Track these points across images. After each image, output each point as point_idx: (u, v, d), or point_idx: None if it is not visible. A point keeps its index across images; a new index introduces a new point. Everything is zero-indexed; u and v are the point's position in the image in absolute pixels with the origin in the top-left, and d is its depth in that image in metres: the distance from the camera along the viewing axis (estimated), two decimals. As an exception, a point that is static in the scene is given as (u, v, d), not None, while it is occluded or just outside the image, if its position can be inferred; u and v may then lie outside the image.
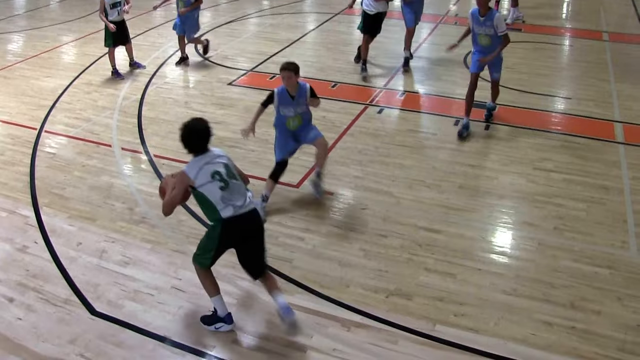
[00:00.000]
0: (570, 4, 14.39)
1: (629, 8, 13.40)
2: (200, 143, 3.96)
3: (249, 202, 3.97)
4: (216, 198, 3.84)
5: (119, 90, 8.61)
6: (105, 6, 8.81)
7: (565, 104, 8.16)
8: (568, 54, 10.63)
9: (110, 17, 8.90)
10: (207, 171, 3.87)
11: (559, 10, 13.52)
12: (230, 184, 3.90)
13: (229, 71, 9.29)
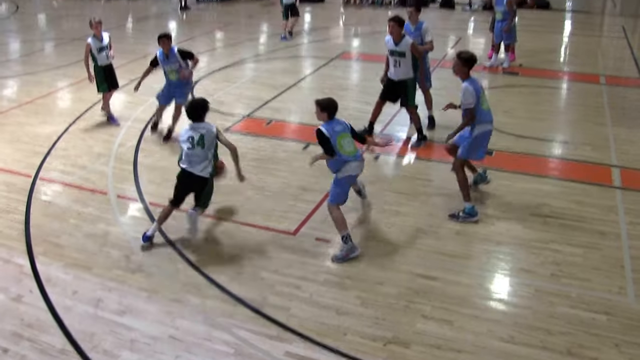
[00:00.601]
0: (567, 47, 14.89)
1: (625, 51, 13.89)
2: (194, 114, 6.01)
3: (200, 168, 5.94)
4: (183, 153, 5.96)
5: (114, 137, 8.89)
6: (92, 51, 9.20)
7: (562, 148, 8.46)
8: (565, 98, 11.02)
9: (100, 61, 9.31)
10: (186, 134, 5.94)
11: (556, 53, 14.00)
12: (195, 149, 5.87)
13: (225, 117, 9.61)
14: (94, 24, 9.23)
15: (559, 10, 19.01)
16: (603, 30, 17.13)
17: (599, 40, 15.74)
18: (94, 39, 9.25)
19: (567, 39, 15.92)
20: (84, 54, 9.29)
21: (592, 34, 16.19)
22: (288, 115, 9.59)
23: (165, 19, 19.29)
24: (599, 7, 20.66)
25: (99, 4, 22.50)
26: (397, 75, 8.34)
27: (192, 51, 8.81)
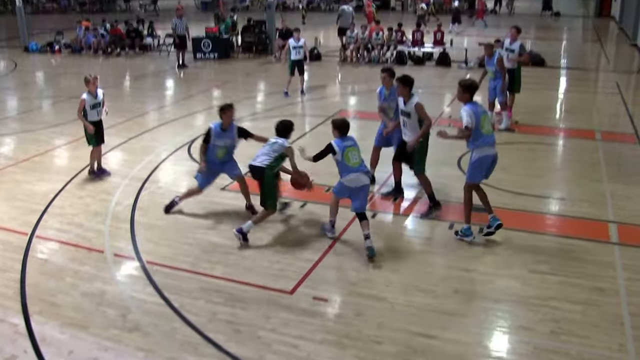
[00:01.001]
0: (563, 104, 15.30)
1: (620, 107, 14.27)
2: (283, 132, 7.85)
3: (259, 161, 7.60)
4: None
5: (111, 195, 9.07)
6: (85, 107, 9.55)
7: (559, 205, 8.66)
8: (562, 154, 11.29)
9: (90, 117, 9.65)
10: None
11: (552, 110, 14.38)
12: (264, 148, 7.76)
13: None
14: (91, 80, 9.64)
15: (554, 67, 19.59)
16: (598, 86, 17.62)
17: (594, 96, 16.18)
18: (89, 95, 9.63)
19: (563, 95, 16.35)
20: (78, 109, 9.64)
21: (587, 90, 16.65)
22: (284, 175, 9.78)
23: (162, 77, 19.79)
24: (593, 64, 21.28)
25: (96, 62, 23.08)
26: (405, 136, 8.31)
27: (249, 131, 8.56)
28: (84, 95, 9.64)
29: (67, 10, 49.50)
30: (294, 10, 42.03)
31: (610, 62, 21.12)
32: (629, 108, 14.08)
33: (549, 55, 20.46)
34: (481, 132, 7.06)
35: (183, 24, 20.83)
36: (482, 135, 7.08)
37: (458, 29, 28.78)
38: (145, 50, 24.69)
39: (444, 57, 20.29)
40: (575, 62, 20.80)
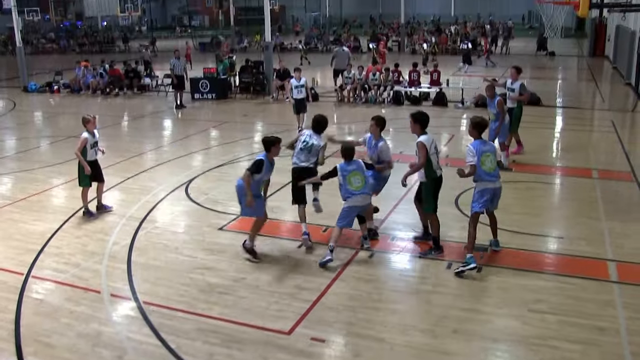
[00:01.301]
0: (559, 142, 15.47)
1: (616, 145, 14.42)
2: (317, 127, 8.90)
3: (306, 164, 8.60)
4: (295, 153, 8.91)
5: (108, 235, 9.10)
6: (86, 145, 9.69)
7: (557, 243, 8.69)
8: (559, 193, 11.37)
9: (89, 157, 9.82)
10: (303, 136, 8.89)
11: (549, 149, 14.52)
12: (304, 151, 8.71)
13: (219, 216, 9.87)
14: (91, 120, 9.86)
15: (550, 106, 19.83)
16: (593, 124, 17.81)
17: (590, 134, 16.36)
18: (89, 134, 9.81)
19: (559, 134, 16.53)
20: (78, 147, 9.76)
21: (583, 129, 16.83)
22: (283, 214, 9.86)
23: (160, 117, 19.97)
24: (588, 103, 21.55)
25: (95, 102, 23.33)
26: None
27: None
28: (85, 134, 9.80)
29: (67, 51, 50.21)
30: (291, 51, 42.67)
31: (605, 101, 21.40)
32: (625, 146, 14.23)
33: (545, 94, 20.74)
34: (481, 168, 7.67)
35: (181, 65, 21.19)
36: (483, 172, 7.70)
37: (468, 68, 29.32)
38: (144, 90, 24.98)
39: (440, 97, 20.54)
40: (570, 101, 21.06)
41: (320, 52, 40.46)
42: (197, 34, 59.01)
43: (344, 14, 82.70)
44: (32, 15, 51.43)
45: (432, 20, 68.64)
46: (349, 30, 52.75)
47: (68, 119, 20.10)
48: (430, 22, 66.31)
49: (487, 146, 7.83)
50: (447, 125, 17.02)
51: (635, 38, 22.50)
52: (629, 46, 24.17)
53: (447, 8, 72.16)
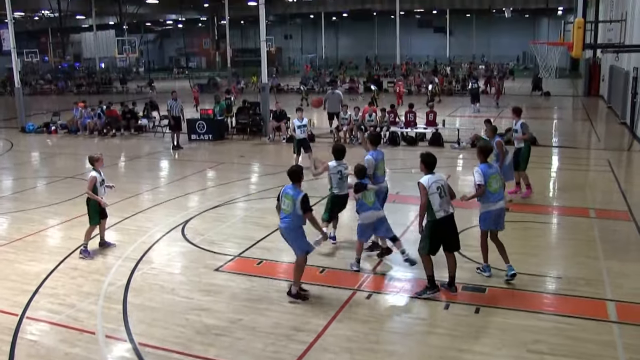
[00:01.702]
0: (556, 182, 15.58)
1: (612, 184, 14.53)
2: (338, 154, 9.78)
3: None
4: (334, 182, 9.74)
5: (104, 276, 9.09)
6: (96, 184, 9.92)
7: (556, 283, 8.70)
8: (557, 232, 11.41)
9: (99, 194, 10.05)
10: (335, 169, 9.75)
11: (545, 188, 14.61)
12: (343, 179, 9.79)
13: (215, 257, 9.87)
14: (100, 159, 10.27)
15: (546, 145, 20.03)
16: (590, 164, 17.97)
17: (586, 174, 16.49)
18: (97, 172, 10.10)
19: (556, 173, 16.66)
20: (88, 187, 10.05)
21: (579, 168, 16.97)
22: (279, 255, 9.89)
23: (157, 157, 20.09)
24: (584, 142, 21.79)
25: (92, 142, 23.48)
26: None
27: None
28: (94, 173, 10.07)
29: (65, 92, 50.77)
30: (288, 92, 43.20)
31: (601, 140, 21.62)
32: (622, 185, 14.34)
33: (541, 134, 20.95)
34: (488, 189, 8.39)
35: (178, 106, 21.39)
36: (489, 193, 8.42)
37: (478, 107, 29.72)
38: (141, 131, 25.17)
39: (436, 137, 20.70)
40: (566, 141, 21.29)
41: (317, 93, 40.90)
42: (194, 75, 59.81)
43: (340, 56, 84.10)
44: (31, 56, 52.18)
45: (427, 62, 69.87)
46: (345, 71, 53.56)
47: (65, 159, 20.24)
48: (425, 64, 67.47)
49: (492, 169, 8.61)
50: (444, 166, 17.11)
51: (629, 78, 22.89)
52: (623, 86, 24.57)
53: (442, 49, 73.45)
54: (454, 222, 8.15)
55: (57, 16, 48.52)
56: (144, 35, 74.48)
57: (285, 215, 8.05)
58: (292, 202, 7.97)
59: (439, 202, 7.93)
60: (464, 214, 9.65)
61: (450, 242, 8.15)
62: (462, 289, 8.33)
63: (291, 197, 8.00)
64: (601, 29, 26.85)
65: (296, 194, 7.99)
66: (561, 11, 63.86)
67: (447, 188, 8.10)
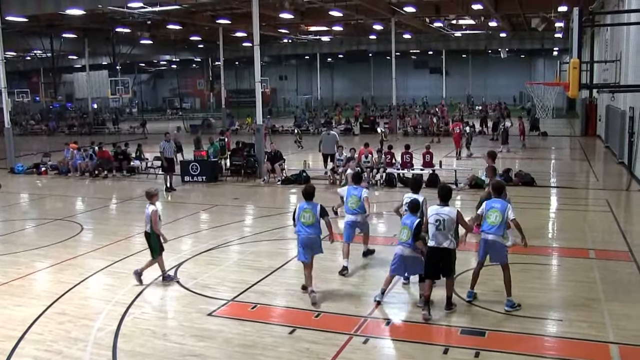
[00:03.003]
0: (554, 222, 15.64)
1: (612, 224, 14.59)
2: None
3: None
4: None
5: (93, 321, 9.02)
6: (160, 217, 10.49)
7: (557, 326, 8.67)
8: (556, 274, 11.41)
9: (159, 226, 10.56)
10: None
11: (544, 229, 14.66)
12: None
13: (209, 301, 9.81)
14: (157, 194, 10.81)
15: (544, 186, 20.17)
16: (588, 204, 18.07)
17: (585, 214, 16.56)
18: (155, 206, 10.50)
19: (554, 214, 16.73)
20: (154, 220, 10.46)
21: (578, 209, 17.05)
22: (274, 299, 9.85)
23: (149, 199, 20.09)
24: (582, 182, 21.93)
25: (83, 184, 23.52)
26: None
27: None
28: (154, 207, 10.52)
29: (55, 132, 51.00)
30: (282, 133, 43.53)
31: (599, 180, 21.78)
32: (621, 225, 14.40)
33: (539, 175, 21.12)
34: (485, 220, 9.14)
35: (171, 147, 21.52)
36: (485, 223, 9.16)
37: (508, 148, 29.96)
38: (133, 172, 25.24)
39: (433, 179, 20.71)
40: (564, 181, 21.43)
41: (312, 134, 41.23)
42: (187, 116, 60.30)
43: (335, 97, 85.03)
44: (22, 96, 52.57)
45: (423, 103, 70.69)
46: (341, 112, 54.09)
47: (55, 201, 20.24)
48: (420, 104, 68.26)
49: (497, 203, 9.22)
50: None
51: (626, 117, 23.19)
52: (620, 125, 24.86)
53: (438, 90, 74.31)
54: (443, 255, 8.85)
55: (49, 56, 49.04)
56: (138, 75, 75.34)
57: (308, 225, 9.62)
58: (312, 213, 9.63)
59: (432, 232, 8.85)
60: (460, 256, 9.65)
61: (442, 270, 8.97)
62: (461, 333, 8.30)
63: (310, 209, 9.66)
64: (597, 69, 27.33)
65: (314, 205, 9.70)
66: (557, 52, 64.96)
67: (450, 222, 8.80)
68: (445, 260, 8.87)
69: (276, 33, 50.74)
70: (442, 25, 45.73)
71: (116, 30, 43.65)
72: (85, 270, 11.56)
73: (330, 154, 22.70)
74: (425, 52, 69.94)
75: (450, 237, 8.82)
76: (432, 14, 40.19)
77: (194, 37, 53.12)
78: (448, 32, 50.80)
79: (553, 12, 34.09)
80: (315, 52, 69.09)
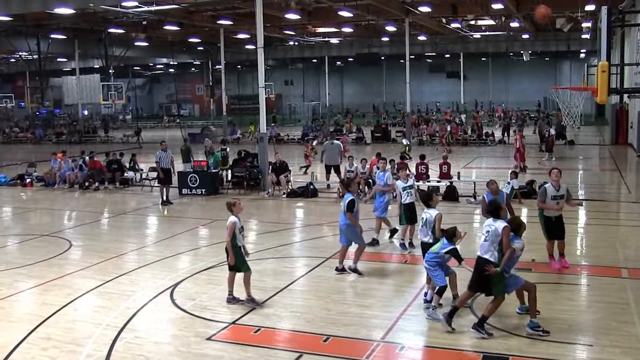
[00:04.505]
0: (583, 238, 15.53)
1: (647, 241, 14.50)
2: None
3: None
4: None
5: (81, 346, 8.96)
6: (235, 231, 10.30)
7: (586, 352, 8.58)
8: (586, 295, 11.29)
9: (239, 242, 10.47)
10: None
11: (571, 246, 14.53)
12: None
13: (208, 324, 9.75)
14: (238, 204, 10.61)
15: (572, 198, 20.06)
16: (620, 218, 17.96)
17: (617, 229, 16.44)
18: (237, 218, 10.38)
19: (583, 229, 16.59)
20: (228, 233, 10.32)
21: (609, 223, 16.94)
22: (279, 322, 9.79)
23: (144, 214, 20.08)
24: (613, 194, 21.83)
25: (72, 196, 23.56)
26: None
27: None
28: (233, 218, 10.36)
29: (42, 141, 51.09)
30: (287, 142, 43.59)
31: (631, 192, 21.65)
32: (656, 243, 14.30)
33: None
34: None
35: (168, 157, 21.49)
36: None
37: (552, 156, 30.13)
38: (127, 184, 25.27)
39: (451, 191, 20.64)
40: (594, 193, 21.32)
41: (320, 143, 41.29)
42: (186, 123, 60.50)
43: (345, 103, 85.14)
44: (6, 102, 52.77)
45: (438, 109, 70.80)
46: (351, 120, 54.17)
47: (40, 215, 20.27)
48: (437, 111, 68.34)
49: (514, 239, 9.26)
50: (459, 222, 17.12)
51: (660, 125, 23.13)
52: (653, 134, 24.80)
53: (456, 95, 74.34)
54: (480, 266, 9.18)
55: (36, 58, 49.23)
56: (132, 80, 75.81)
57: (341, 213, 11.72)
58: (343, 203, 11.67)
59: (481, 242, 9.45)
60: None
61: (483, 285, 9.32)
62: (484, 359, 8.23)
63: (344, 199, 11.74)
64: (628, 73, 27.21)
65: (346, 197, 11.74)
66: (584, 54, 64.99)
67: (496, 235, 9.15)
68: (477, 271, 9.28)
69: (281, 35, 50.99)
70: (459, 26, 45.83)
71: (109, 31, 43.99)
72: (73, 290, 11.51)
73: (333, 165, 22.67)
74: (442, 55, 70.06)
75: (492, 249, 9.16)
76: (448, 13, 40.25)
77: (193, 39, 53.47)
78: (466, 34, 50.91)
79: (580, 11, 34.01)
80: (324, 55, 69.34)
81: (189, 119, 74.61)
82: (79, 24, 42.41)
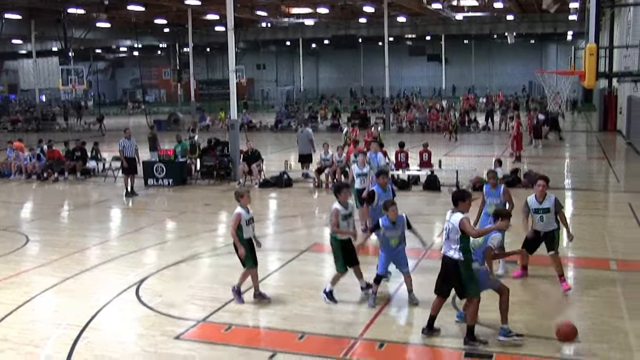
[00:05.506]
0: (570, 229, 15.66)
1: (635, 232, 14.67)
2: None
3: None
4: None
5: (39, 347, 8.88)
6: (240, 222, 10.12)
7: (574, 348, 8.64)
8: (573, 288, 11.39)
9: (246, 235, 10.21)
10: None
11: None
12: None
13: (176, 322, 9.71)
14: (246, 195, 10.49)
15: (558, 188, 20.22)
16: (608, 208, 18.18)
17: (605, 220, 16.64)
18: (244, 209, 10.27)
19: (570, 220, 16.76)
20: (232, 226, 10.19)
21: (597, 214, 17.15)
22: (251, 319, 9.78)
23: (107, 206, 19.91)
24: (601, 184, 22.10)
25: (29, 188, 23.29)
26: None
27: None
28: (239, 210, 10.23)
29: (-4, 129, 50.44)
30: (260, 130, 43.46)
31: (620, 181, 21.91)
32: (646, 233, 14.49)
33: (552, 175, 21.02)
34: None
35: (132, 146, 21.27)
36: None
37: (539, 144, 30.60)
38: (88, 175, 25.01)
39: (432, 180, 20.70)
40: (581, 182, 21.55)
41: (294, 130, 41.26)
42: (151, 110, 60.04)
43: (321, 88, 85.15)
44: (-46, 86, 51.92)
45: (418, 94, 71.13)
46: (326, 106, 54.17)
47: (-4, 209, 19.99)
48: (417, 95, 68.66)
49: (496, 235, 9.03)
50: (441, 213, 17.15)
51: (651, 110, 23.43)
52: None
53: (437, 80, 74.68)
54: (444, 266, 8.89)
55: (-12, 40, 48.54)
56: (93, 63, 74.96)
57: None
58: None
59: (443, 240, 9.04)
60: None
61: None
62: (465, 356, 8.28)
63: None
64: (617, 56, 27.55)
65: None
66: (571, 36, 65.63)
67: (455, 231, 8.64)
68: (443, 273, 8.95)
69: (253, 16, 50.76)
70: (441, 6, 45.97)
71: (68, 11, 43.34)
72: (31, 288, 11.39)
73: (305, 153, 22.63)
74: (422, 37, 70.30)
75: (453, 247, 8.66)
76: (430, -7, 40.41)
77: (159, 20, 53.01)
78: (448, 15, 51.05)
79: (567, -10, 34.33)
80: (298, 38, 69.28)
81: (155, 105, 74.03)
82: (35, 3, 41.79)
